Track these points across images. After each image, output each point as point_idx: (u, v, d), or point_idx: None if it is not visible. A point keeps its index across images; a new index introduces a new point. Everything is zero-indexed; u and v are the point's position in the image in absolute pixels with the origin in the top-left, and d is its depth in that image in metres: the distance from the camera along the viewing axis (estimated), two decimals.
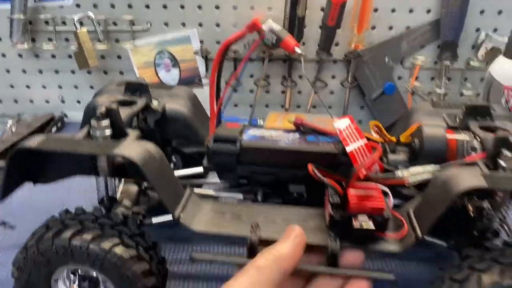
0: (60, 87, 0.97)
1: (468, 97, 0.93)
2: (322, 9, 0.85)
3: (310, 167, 0.45)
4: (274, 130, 0.55)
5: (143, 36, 0.91)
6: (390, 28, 0.89)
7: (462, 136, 0.49)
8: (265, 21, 0.88)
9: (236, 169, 0.52)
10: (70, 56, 0.93)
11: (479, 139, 0.48)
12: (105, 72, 0.95)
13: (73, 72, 0.95)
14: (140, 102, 0.56)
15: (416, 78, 0.92)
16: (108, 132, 0.47)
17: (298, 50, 0.85)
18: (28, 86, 0.98)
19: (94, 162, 0.51)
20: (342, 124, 0.49)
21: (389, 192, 0.43)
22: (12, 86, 0.98)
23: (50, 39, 0.92)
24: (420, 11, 0.88)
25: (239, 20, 0.89)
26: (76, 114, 0.98)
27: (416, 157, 0.50)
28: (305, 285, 0.40)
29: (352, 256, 0.41)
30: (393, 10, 0.88)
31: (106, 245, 0.44)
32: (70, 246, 0.44)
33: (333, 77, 0.94)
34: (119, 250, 0.44)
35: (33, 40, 0.92)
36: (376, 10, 0.87)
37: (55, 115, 0.89)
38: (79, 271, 0.47)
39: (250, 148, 0.51)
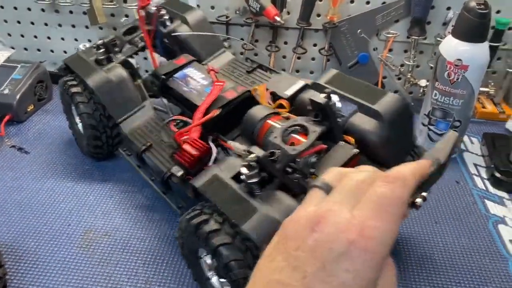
0: (76, 40, 1.11)
1: None
2: None
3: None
4: (203, 73, 0.70)
5: None
6: (367, 2, 0.98)
7: (277, 124, 0.54)
8: None
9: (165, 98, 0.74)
10: (85, 13, 1.06)
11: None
12: (114, 29, 1.08)
13: (87, 27, 1.08)
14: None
15: (390, 50, 1.01)
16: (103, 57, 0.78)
17: (277, 18, 0.96)
18: (49, 38, 1.12)
19: None
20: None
21: (214, 151, 0.58)
22: (35, 37, 1.13)
23: None
24: None
25: None
26: None
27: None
28: None
29: None
30: None
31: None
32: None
33: (315, 45, 1.04)
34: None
35: None
36: None
37: None
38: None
39: (166, 85, 0.71)
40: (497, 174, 0.79)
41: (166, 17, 0.82)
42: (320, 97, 0.52)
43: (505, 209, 0.74)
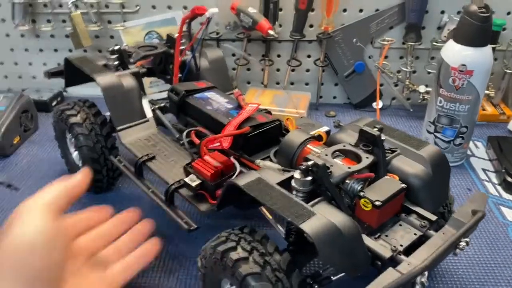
0: (59, 64, 1.06)
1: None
2: None
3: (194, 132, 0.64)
4: (226, 99, 0.69)
5: (133, 18, 0.99)
6: (360, 10, 0.96)
7: (317, 149, 0.54)
8: (243, 6, 0.96)
9: (178, 115, 0.71)
10: (67, 36, 1.01)
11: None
12: (100, 51, 1.04)
13: (70, 50, 1.04)
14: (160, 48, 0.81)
15: (386, 57, 0.99)
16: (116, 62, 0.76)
17: (271, 32, 0.94)
18: (30, 64, 1.07)
19: None
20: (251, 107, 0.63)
21: (238, 167, 0.56)
22: (16, 64, 1.07)
23: (48, 21, 1.01)
24: None
25: (220, 4, 0.96)
26: (74, 90, 1.07)
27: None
28: None
29: None
30: None
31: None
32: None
33: (309, 56, 1.02)
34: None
35: (33, 21, 1.01)
36: None
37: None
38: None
39: (185, 102, 0.69)
40: (509, 179, 0.77)
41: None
42: (373, 130, 0.52)
43: None
